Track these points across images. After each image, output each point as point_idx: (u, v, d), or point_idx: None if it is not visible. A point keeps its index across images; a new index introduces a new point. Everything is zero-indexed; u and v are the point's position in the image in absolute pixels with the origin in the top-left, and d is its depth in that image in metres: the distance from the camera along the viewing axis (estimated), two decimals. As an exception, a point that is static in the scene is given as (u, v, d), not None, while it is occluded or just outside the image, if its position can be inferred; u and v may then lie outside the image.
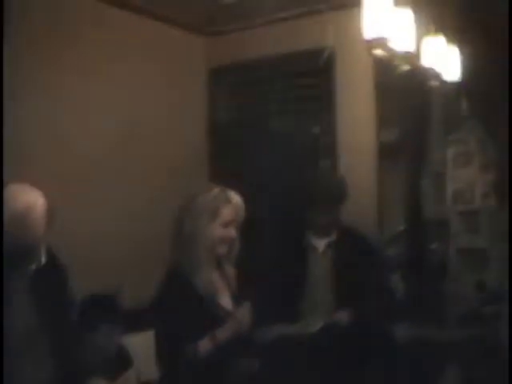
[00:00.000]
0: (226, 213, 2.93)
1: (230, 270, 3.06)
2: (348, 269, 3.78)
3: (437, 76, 4.07)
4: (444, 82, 4.14)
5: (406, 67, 3.72)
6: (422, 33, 3.89)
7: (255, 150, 5.18)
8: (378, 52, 3.46)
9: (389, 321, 4.17)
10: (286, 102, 5.28)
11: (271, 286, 3.76)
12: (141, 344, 3.99)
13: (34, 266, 2.64)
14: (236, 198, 2.97)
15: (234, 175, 5.08)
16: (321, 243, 3.91)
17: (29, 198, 2.59)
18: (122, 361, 3.53)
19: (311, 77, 5.06)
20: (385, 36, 3.33)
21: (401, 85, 4.52)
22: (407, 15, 3.65)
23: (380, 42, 3.35)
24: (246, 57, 5.16)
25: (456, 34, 4.23)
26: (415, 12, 3.70)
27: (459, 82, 4.26)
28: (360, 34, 3.37)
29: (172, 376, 2.90)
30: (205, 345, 2.86)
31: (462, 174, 4.89)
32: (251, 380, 2.99)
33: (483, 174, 4.86)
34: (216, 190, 2.96)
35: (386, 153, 4.76)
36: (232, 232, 2.96)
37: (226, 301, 3.03)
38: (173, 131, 4.98)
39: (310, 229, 3.92)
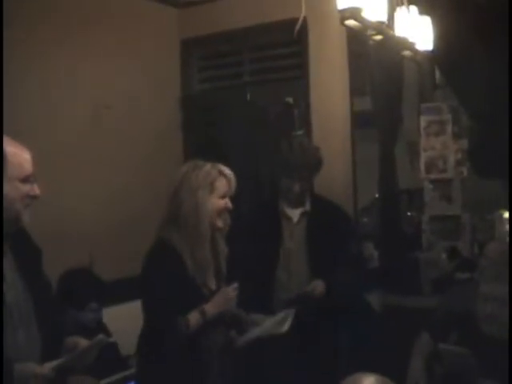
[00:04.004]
0: (221, 185, 2.96)
1: (223, 245, 3.08)
2: (322, 238, 3.81)
3: (409, 46, 4.08)
4: (417, 52, 4.16)
5: (378, 37, 3.72)
6: (394, 2, 3.90)
7: (229, 121, 5.19)
8: (351, 22, 3.46)
9: (363, 289, 4.23)
10: (259, 72, 5.28)
11: (247, 256, 3.79)
12: (119, 317, 4.01)
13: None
14: (227, 170, 3.00)
15: (207, 146, 5.11)
16: (295, 213, 3.92)
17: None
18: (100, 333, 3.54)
19: (284, 47, 5.06)
20: (357, 6, 3.33)
21: (374, 54, 4.55)
22: (379, -15, 3.65)
23: (353, 12, 3.34)
24: (218, 28, 5.14)
25: (428, 4, 4.24)
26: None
27: (432, 52, 4.28)
28: (333, 4, 3.37)
29: (160, 350, 2.89)
30: (195, 318, 2.87)
31: (435, 142, 4.93)
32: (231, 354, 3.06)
33: (456, 143, 4.90)
34: (208, 165, 2.97)
35: (360, 121, 4.79)
36: (229, 203, 2.99)
37: (212, 278, 3.05)
38: (145, 103, 4.95)
39: (284, 198, 3.93)
